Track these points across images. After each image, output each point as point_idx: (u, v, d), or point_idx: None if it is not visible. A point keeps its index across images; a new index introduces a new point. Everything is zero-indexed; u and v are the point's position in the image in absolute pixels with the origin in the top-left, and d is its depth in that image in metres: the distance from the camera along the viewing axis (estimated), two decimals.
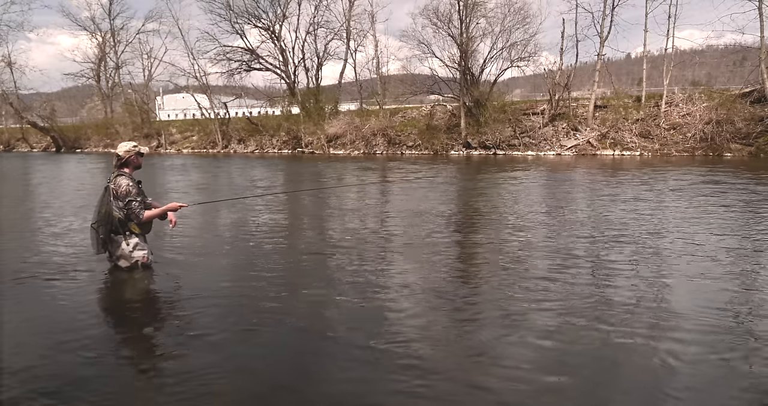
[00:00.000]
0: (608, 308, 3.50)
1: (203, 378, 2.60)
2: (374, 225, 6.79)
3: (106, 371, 2.71)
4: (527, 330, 3.15)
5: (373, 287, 3.99)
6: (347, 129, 28.84)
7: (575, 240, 5.58)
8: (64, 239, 6.01)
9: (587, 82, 28.39)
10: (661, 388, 2.46)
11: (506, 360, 2.78)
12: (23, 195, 11.53)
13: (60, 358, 2.84)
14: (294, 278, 4.40)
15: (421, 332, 3.16)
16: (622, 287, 3.93)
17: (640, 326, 3.16)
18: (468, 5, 25.92)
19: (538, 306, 3.55)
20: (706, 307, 3.49)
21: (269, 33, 33.25)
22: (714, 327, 3.16)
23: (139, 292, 4.03)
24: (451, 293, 3.88)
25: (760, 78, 21.06)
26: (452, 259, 4.99)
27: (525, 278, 4.20)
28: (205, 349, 2.94)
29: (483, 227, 6.61)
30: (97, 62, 42.02)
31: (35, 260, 5.01)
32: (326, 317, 3.47)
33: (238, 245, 5.63)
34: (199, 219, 7.20)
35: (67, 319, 3.42)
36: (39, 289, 4.07)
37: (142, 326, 3.35)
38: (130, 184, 4.18)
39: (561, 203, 8.72)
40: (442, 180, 12.78)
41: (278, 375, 2.65)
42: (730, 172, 12.85)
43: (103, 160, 26.04)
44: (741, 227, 6.23)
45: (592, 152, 22.78)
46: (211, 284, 4.11)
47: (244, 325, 3.29)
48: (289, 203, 9.33)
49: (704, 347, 2.89)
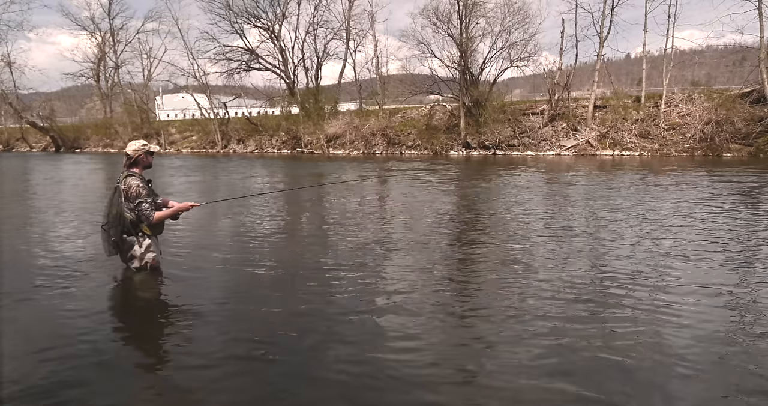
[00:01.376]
0: (608, 309, 3.50)
1: (208, 382, 2.60)
2: (374, 225, 6.79)
3: (113, 373, 2.72)
4: (528, 333, 3.14)
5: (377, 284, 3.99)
6: (347, 129, 28.83)
7: (575, 242, 5.58)
8: (71, 240, 6.02)
9: (587, 82, 28.40)
10: (662, 391, 2.46)
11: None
12: (24, 195, 11.50)
13: (66, 361, 2.84)
14: (295, 277, 4.40)
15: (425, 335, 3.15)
16: (622, 289, 3.92)
17: (644, 332, 3.13)
18: (467, 5, 25.92)
19: (536, 314, 3.55)
20: (705, 305, 3.48)
21: (269, 33, 33.26)
22: (714, 327, 3.15)
23: (144, 295, 3.99)
24: (451, 306, 3.87)
25: (759, 78, 21.06)
26: (451, 266, 4.98)
27: (524, 281, 4.19)
28: (211, 350, 2.95)
29: (478, 229, 6.60)
30: (96, 62, 41.98)
31: (41, 262, 5.02)
32: (326, 316, 3.46)
33: (243, 246, 5.64)
34: (202, 219, 7.19)
35: (71, 322, 3.41)
36: (45, 292, 4.06)
37: (146, 330, 3.35)
38: (140, 185, 4.05)
39: (560, 204, 8.71)
40: (437, 182, 12.77)
41: (282, 379, 2.65)
42: (733, 173, 12.85)
43: (103, 160, 26.03)
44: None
45: (591, 152, 22.77)
46: (216, 288, 4.13)
47: (247, 331, 3.28)
48: (291, 205, 9.31)
49: (702, 344, 2.89)
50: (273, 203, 9.18)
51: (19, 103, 41.20)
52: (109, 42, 41.26)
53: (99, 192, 11.14)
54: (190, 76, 35.85)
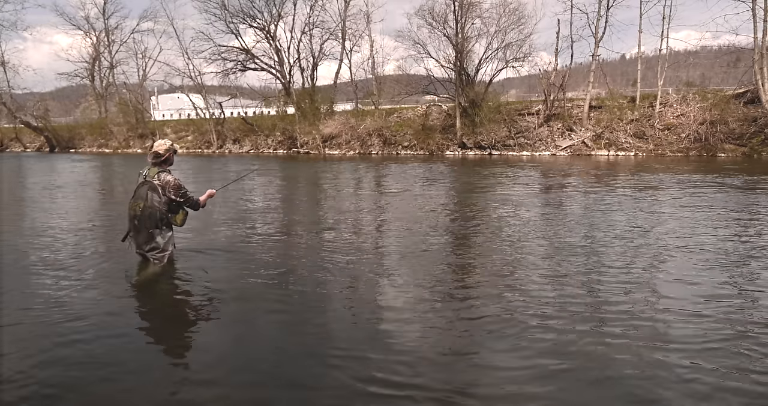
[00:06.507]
0: (607, 313, 3.49)
1: (213, 378, 2.67)
2: (372, 225, 6.76)
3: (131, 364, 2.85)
4: (526, 341, 3.12)
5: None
6: (343, 129, 28.75)
7: (573, 243, 5.57)
8: (82, 236, 6.04)
9: (582, 82, 28.41)
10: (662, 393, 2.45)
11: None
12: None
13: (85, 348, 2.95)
14: (296, 277, 4.38)
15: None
16: (621, 291, 3.91)
17: (641, 336, 3.12)
18: (463, 5, 25.91)
19: (536, 322, 3.53)
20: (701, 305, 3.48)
21: (264, 33, 33.13)
22: (714, 327, 3.15)
23: (163, 286, 4.24)
24: (449, 311, 3.86)
25: (753, 79, 21.13)
26: (448, 270, 4.96)
27: (523, 285, 4.18)
28: (221, 348, 3.05)
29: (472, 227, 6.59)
30: (91, 62, 41.66)
31: (52, 255, 5.12)
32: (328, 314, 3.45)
33: (244, 246, 5.71)
34: (205, 219, 7.17)
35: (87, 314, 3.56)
36: (54, 282, 4.20)
37: (161, 321, 3.59)
38: (177, 179, 4.46)
39: (559, 206, 8.71)
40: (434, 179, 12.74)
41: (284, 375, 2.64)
42: (728, 172, 12.90)
43: (98, 160, 25.90)
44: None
45: (587, 153, 22.82)
46: (224, 282, 4.30)
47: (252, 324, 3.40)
48: (290, 205, 9.29)
49: (700, 342, 2.88)
50: (273, 206, 9.15)
51: (13, 103, 40.79)
52: (104, 42, 40.92)
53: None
54: (186, 76, 35.63)
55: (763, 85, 20.04)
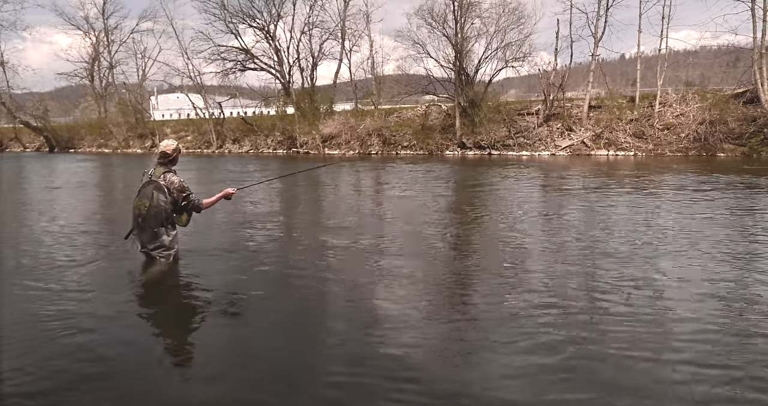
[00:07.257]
0: (606, 315, 3.50)
1: (216, 376, 2.68)
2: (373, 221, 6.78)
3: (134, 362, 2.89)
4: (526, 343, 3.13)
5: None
6: (342, 129, 28.74)
7: (574, 243, 5.58)
8: (86, 235, 6.13)
9: (582, 82, 28.40)
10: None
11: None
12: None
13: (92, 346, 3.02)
14: (298, 277, 4.39)
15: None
16: (623, 291, 3.92)
17: (642, 337, 3.11)
18: (463, 5, 25.91)
19: (536, 329, 3.54)
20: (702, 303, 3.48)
21: (264, 33, 33.10)
22: (713, 327, 3.15)
23: (168, 284, 4.30)
24: (448, 314, 3.87)
25: (752, 78, 21.14)
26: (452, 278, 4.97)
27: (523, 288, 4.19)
28: (227, 347, 3.08)
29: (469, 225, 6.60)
30: (90, 62, 41.64)
31: (52, 255, 5.16)
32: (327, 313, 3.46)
33: (247, 245, 5.74)
34: (207, 219, 7.17)
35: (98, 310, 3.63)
36: (57, 283, 4.21)
37: (166, 319, 3.64)
38: (182, 180, 4.49)
39: (558, 206, 8.72)
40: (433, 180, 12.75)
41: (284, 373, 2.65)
42: (728, 172, 12.91)
43: (98, 160, 25.88)
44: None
45: (586, 152, 22.83)
46: (226, 281, 4.35)
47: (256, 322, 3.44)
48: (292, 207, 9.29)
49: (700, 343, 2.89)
50: (274, 207, 9.16)
51: (13, 103, 40.75)
52: (104, 42, 40.90)
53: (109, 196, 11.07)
54: (185, 76, 35.60)
55: (763, 85, 20.06)
